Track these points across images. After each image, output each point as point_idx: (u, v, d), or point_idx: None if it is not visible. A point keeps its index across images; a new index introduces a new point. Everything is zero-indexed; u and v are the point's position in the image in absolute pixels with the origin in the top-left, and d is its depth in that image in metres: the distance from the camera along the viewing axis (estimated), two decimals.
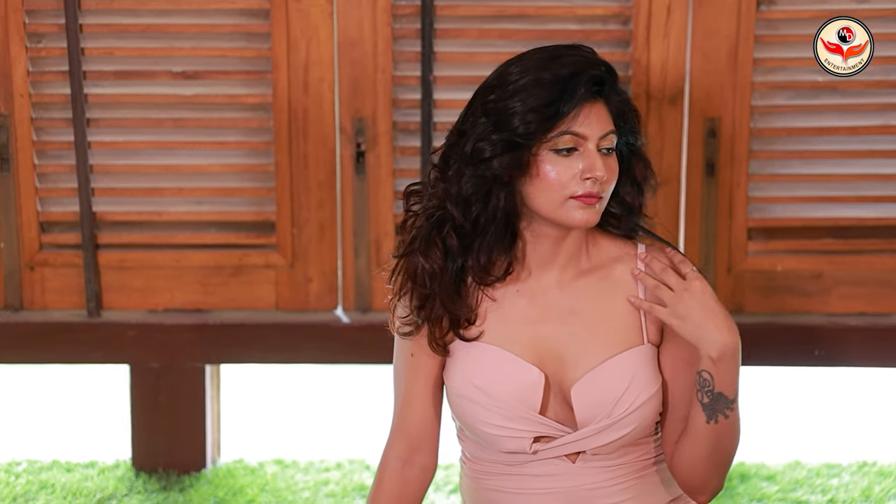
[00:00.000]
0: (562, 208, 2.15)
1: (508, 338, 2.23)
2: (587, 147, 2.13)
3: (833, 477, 3.37)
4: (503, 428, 2.21)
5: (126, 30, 3.15)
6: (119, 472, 3.38)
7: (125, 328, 3.30)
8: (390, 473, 2.34)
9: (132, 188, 3.24)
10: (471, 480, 2.36)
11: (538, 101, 2.10)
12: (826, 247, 3.25)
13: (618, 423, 2.19)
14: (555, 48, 2.17)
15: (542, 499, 2.26)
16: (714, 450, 2.18)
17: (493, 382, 2.21)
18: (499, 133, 2.13)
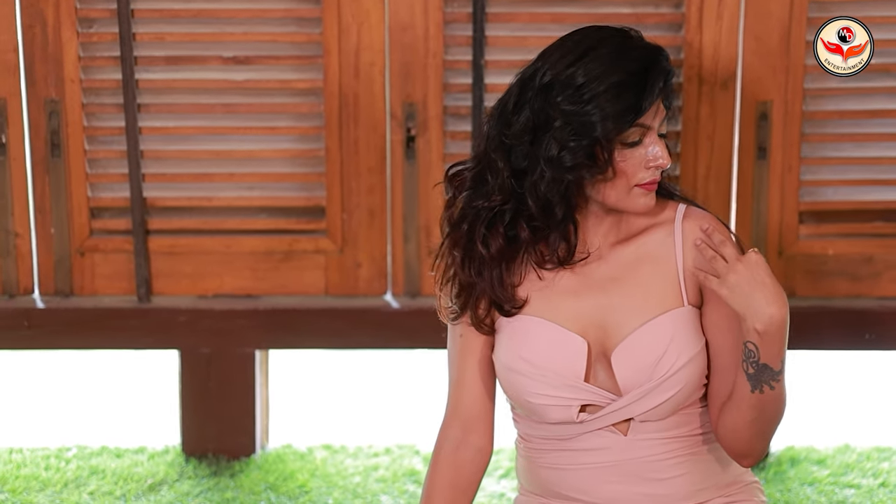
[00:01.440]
0: (628, 197, 2.21)
1: (552, 308, 2.27)
2: (651, 136, 2.18)
3: (884, 460, 3.36)
4: (549, 397, 2.24)
5: (177, 15, 3.15)
6: (169, 457, 3.39)
7: (175, 314, 3.30)
8: (445, 456, 2.35)
9: (182, 174, 3.24)
10: (525, 460, 2.38)
11: (617, 108, 2.14)
12: (877, 230, 3.24)
13: (661, 385, 2.21)
14: (610, 38, 2.19)
15: (594, 473, 2.28)
16: (758, 418, 2.20)
17: (537, 353, 2.24)
18: (578, 140, 2.16)
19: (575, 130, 2.15)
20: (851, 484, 3.26)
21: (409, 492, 3.23)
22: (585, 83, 2.15)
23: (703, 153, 3.17)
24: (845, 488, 3.24)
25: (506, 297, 2.27)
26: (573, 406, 2.24)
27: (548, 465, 2.32)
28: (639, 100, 2.14)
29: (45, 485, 3.24)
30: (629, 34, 2.20)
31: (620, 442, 2.27)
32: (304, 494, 3.21)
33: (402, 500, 3.19)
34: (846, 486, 3.25)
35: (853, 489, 3.23)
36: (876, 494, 3.20)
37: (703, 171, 3.17)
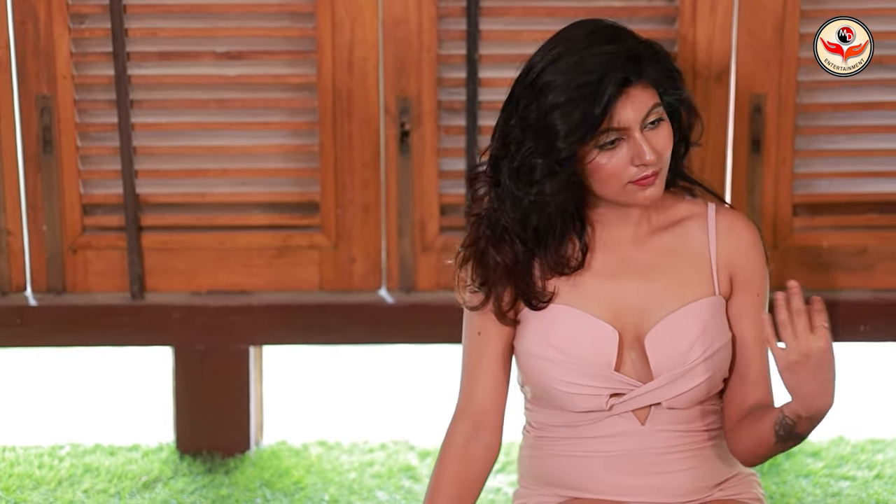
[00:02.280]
0: (623, 193, 2.22)
1: (583, 296, 2.28)
2: (632, 135, 2.17)
3: (878, 452, 3.37)
4: (579, 386, 2.25)
5: (169, 10, 3.14)
6: (163, 454, 3.38)
7: (169, 310, 3.29)
8: (453, 450, 2.36)
9: (176, 170, 3.23)
10: (532, 450, 2.39)
11: (574, 121, 2.14)
12: (871, 222, 3.24)
13: (691, 371, 2.24)
14: (584, 39, 2.19)
15: (606, 462, 2.29)
16: (770, 452, 2.25)
17: (568, 341, 2.24)
18: (544, 157, 2.17)
19: (537, 146, 2.18)
20: (846, 476, 3.26)
21: (404, 487, 3.23)
22: (548, 90, 2.17)
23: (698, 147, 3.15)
24: (840, 480, 3.24)
25: (533, 293, 2.28)
26: (602, 395, 2.25)
27: (557, 453, 2.33)
28: (592, 110, 2.13)
29: (38, 483, 3.22)
30: (606, 35, 2.19)
31: (636, 430, 2.28)
32: (299, 491, 3.21)
33: (397, 496, 3.19)
34: (841, 478, 3.25)
35: (848, 481, 3.24)
36: (871, 486, 3.20)
37: (698, 164, 3.17)
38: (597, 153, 2.18)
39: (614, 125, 2.15)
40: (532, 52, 3.08)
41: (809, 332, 2.09)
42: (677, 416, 2.28)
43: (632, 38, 2.20)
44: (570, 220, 2.26)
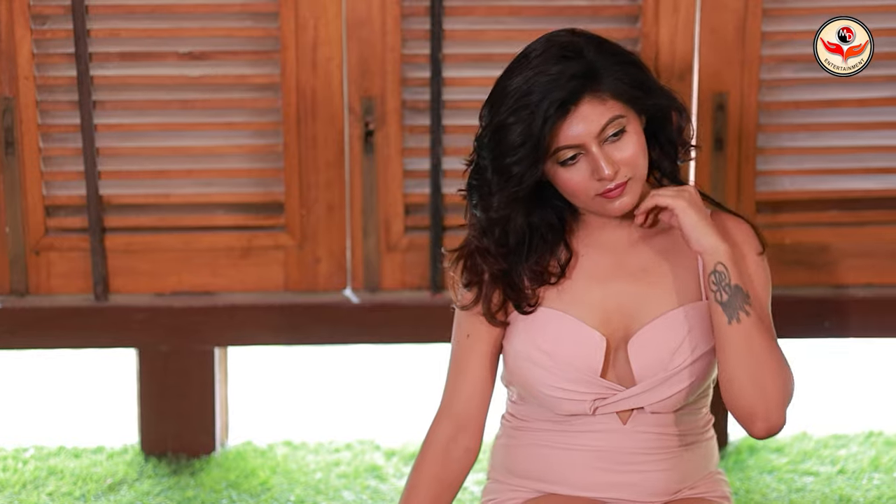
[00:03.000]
0: (594, 204, 2.25)
1: (573, 300, 2.30)
2: (589, 150, 2.19)
3: (841, 448, 3.39)
4: (565, 391, 2.26)
5: (132, 10, 3.12)
6: (128, 456, 3.37)
7: (133, 312, 3.28)
8: (433, 452, 2.37)
9: (139, 171, 3.22)
10: (509, 439, 2.40)
11: (517, 141, 2.17)
12: (833, 219, 3.26)
13: (674, 376, 2.24)
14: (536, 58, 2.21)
15: (584, 456, 2.30)
16: (747, 360, 2.19)
17: (556, 346, 2.26)
18: (505, 190, 2.21)
19: (498, 177, 2.21)
20: (810, 471, 3.28)
21: (370, 487, 3.23)
22: (500, 121, 2.20)
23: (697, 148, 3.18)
24: (804, 476, 3.27)
25: (521, 298, 2.30)
26: (586, 401, 2.27)
27: (535, 442, 2.34)
28: (539, 134, 2.16)
29: (2, 486, 3.21)
30: (552, 54, 2.20)
31: (617, 429, 2.30)
32: (265, 492, 3.20)
33: (364, 496, 3.19)
34: (805, 474, 3.27)
35: (812, 476, 3.26)
36: (834, 481, 3.22)
37: None
38: (559, 169, 2.21)
39: (562, 143, 2.18)
40: (495, 51, 3.13)
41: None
42: (658, 419, 2.29)
43: (594, 52, 2.19)
44: (547, 231, 2.29)
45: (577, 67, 2.16)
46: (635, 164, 2.20)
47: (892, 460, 3.31)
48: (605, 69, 2.18)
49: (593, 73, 2.17)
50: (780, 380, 2.20)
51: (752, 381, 2.19)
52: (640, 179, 2.22)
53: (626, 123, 2.19)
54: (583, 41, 2.21)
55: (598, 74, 2.17)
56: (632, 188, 2.21)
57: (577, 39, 2.21)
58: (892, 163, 3.22)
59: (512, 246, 2.28)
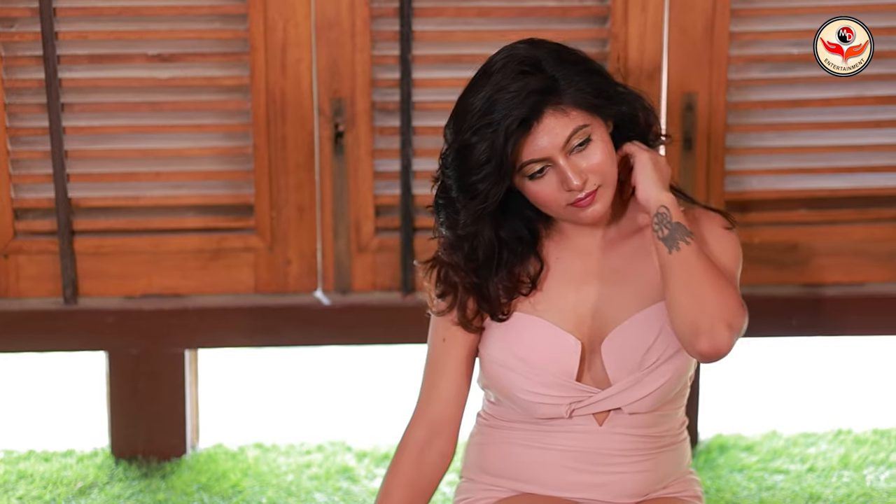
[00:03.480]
0: (566, 213, 2.26)
1: (548, 305, 2.30)
2: (556, 161, 2.19)
3: (810, 446, 3.41)
4: (541, 395, 2.27)
5: (100, 12, 3.11)
6: (98, 460, 3.35)
7: (103, 315, 3.27)
8: (408, 456, 2.37)
9: (108, 173, 3.21)
10: (484, 437, 2.41)
11: (481, 160, 2.18)
12: (801, 218, 3.28)
13: (649, 375, 2.25)
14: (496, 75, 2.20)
15: (560, 456, 2.31)
16: (689, 279, 2.18)
17: (531, 352, 2.27)
18: (470, 207, 2.22)
19: (464, 197, 2.23)
20: (780, 469, 3.30)
21: (342, 489, 3.23)
22: (458, 136, 2.21)
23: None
24: (774, 474, 3.28)
25: (495, 308, 2.31)
26: (562, 404, 2.27)
27: (511, 441, 2.35)
28: (501, 153, 2.17)
29: None
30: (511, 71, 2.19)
31: (593, 431, 2.30)
32: (237, 494, 3.19)
33: (336, 497, 3.18)
34: (775, 472, 3.29)
35: (782, 474, 3.27)
36: (804, 479, 3.24)
37: None
38: (527, 182, 2.22)
39: (528, 158, 2.19)
40: (465, 52, 3.13)
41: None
42: (635, 421, 2.30)
43: (553, 64, 2.19)
44: (517, 244, 2.30)
45: (536, 82, 2.17)
46: (603, 171, 2.21)
47: (861, 458, 3.33)
48: (565, 80, 2.18)
49: (553, 87, 2.18)
50: (724, 300, 2.16)
51: (694, 299, 2.16)
52: (611, 185, 2.23)
53: (591, 132, 2.20)
54: (542, 53, 2.21)
55: (558, 87, 2.18)
56: (602, 195, 2.22)
57: (536, 52, 2.21)
58: (859, 161, 3.24)
59: (482, 260, 2.29)
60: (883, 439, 3.43)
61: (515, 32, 3.11)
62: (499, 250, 2.29)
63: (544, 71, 2.18)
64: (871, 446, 3.39)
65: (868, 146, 3.23)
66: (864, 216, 3.27)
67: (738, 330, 2.17)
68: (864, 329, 3.36)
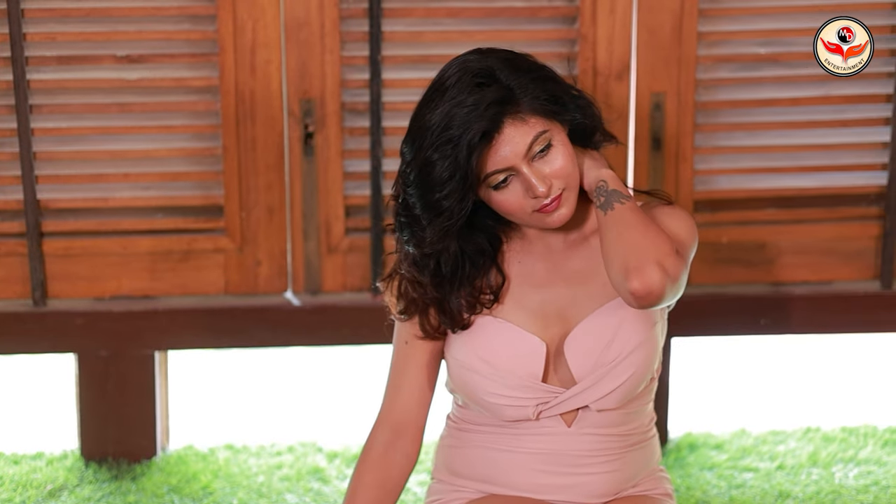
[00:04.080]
0: (532, 220, 2.25)
1: (513, 307, 2.31)
2: (520, 170, 2.20)
3: (779, 444, 3.42)
4: (507, 397, 2.27)
5: (68, 14, 3.10)
6: (68, 462, 3.34)
7: (72, 317, 3.26)
8: (373, 457, 2.38)
9: (77, 175, 3.20)
10: (454, 440, 2.41)
11: (444, 177, 2.17)
12: (770, 217, 3.29)
13: (613, 370, 2.26)
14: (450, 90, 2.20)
15: (529, 459, 2.31)
16: (620, 231, 2.19)
17: (496, 354, 2.27)
18: (436, 224, 2.21)
19: (428, 215, 2.22)
20: (749, 467, 3.31)
21: (313, 489, 3.23)
22: (418, 155, 2.20)
23: None
24: (744, 472, 3.29)
25: (454, 322, 2.32)
26: (529, 406, 2.28)
27: (481, 445, 2.36)
28: (464, 167, 2.16)
29: None
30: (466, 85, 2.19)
31: (562, 432, 2.31)
32: (207, 496, 3.19)
33: (307, 498, 3.18)
34: (744, 470, 3.30)
35: (751, 472, 3.29)
36: (773, 477, 3.26)
37: None
38: (492, 192, 2.22)
39: (492, 169, 2.19)
40: (434, 52, 3.13)
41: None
42: (603, 420, 2.30)
43: (507, 74, 2.19)
44: (479, 257, 2.30)
45: (493, 94, 2.17)
46: (566, 174, 2.21)
47: (830, 456, 3.35)
48: (521, 89, 2.19)
49: (510, 96, 2.18)
50: (655, 243, 2.16)
51: (625, 244, 2.17)
52: (574, 188, 2.23)
53: (550, 137, 2.20)
54: (495, 63, 2.20)
55: (515, 96, 2.18)
56: (567, 199, 2.22)
57: (489, 62, 2.21)
58: (826, 161, 3.26)
59: (446, 275, 2.29)
60: (851, 437, 3.45)
61: (484, 33, 3.12)
62: (462, 264, 2.29)
63: (499, 81, 2.18)
64: (840, 444, 3.41)
65: (835, 145, 3.25)
66: (831, 215, 3.29)
67: (671, 274, 2.15)
68: (831, 327, 3.38)
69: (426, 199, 2.20)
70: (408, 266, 2.31)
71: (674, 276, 2.16)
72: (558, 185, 2.20)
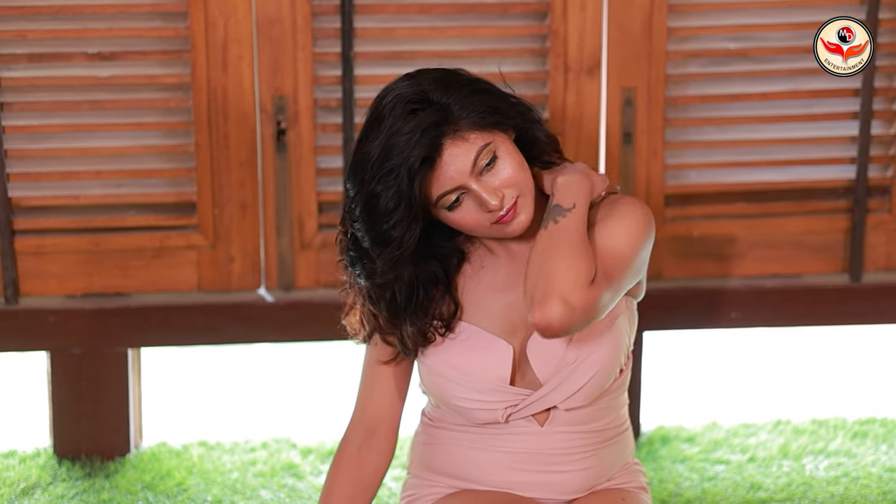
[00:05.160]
0: (493, 231, 2.25)
1: (480, 311, 2.30)
2: (469, 187, 2.19)
3: (751, 436, 3.45)
4: (476, 401, 2.28)
5: (39, 11, 3.09)
6: (40, 460, 3.34)
7: (44, 314, 3.25)
8: (348, 456, 2.39)
9: (48, 172, 3.19)
10: (428, 437, 2.42)
11: (390, 207, 2.17)
12: (740, 211, 3.31)
13: (577, 370, 2.27)
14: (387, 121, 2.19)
15: (504, 458, 2.33)
16: (542, 252, 2.19)
17: (464, 359, 2.28)
18: (386, 255, 2.22)
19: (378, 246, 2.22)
20: (721, 460, 3.33)
21: (288, 485, 3.23)
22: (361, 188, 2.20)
23: (571, 140, 3.21)
24: (715, 464, 3.31)
25: (408, 349, 2.33)
26: (498, 409, 2.28)
27: (455, 443, 2.37)
28: (409, 194, 2.16)
29: None
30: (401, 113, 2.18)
31: (535, 432, 2.32)
32: (182, 493, 3.19)
33: (281, 494, 3.19)
34: (716, 463, 3.32)
35: (723, 465, 3.31)
36: (745, 469, 3.28)
37: (572, 158, 3.18)
38: (447, 213, 2.22)
39: (440, 192, 2.19)
40: (406, 48, 3.14)
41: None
42: (575, 418, 2.31)
43: (440, 93, 2.19)
44: (431, 286, 2.30)
45: (428, 117, 2.16)
46: (517, 182, 2.21)
47: (801, 447, 3.37)
48: (457, 106, 2.18)
49: (446, 116, 2.17)
50: (568, 273, 2.15)
51: (539, 270, 2.16)
52: (530, 193, 2.23)
53: (495, 148, 2.20)
54: (427, 85, 2.20)
55: (451, 115, 2.18)
56: (524, 205, 2.22)
57: (421, 86, 2.20)
58: (795, 155, 3.28)
59: (401, 304, 2.28)
60: (821, 429, 3.47)
61: (455, 29, 3.13)
62: (416, 290, 2.29)
63: (433, 102, 2.18)
64: (810, 436, 3.43)
65: (804, 139, 3.27)
66: (801, 209, 3.32)
67: (579, 306, 2.13)
68: (801, 320, 3.40)
69: (374, 231, 2.19)
70: (363, 300, 2.31)
71: (583, 308, 2.13)
72: (511, 195, 2.20)
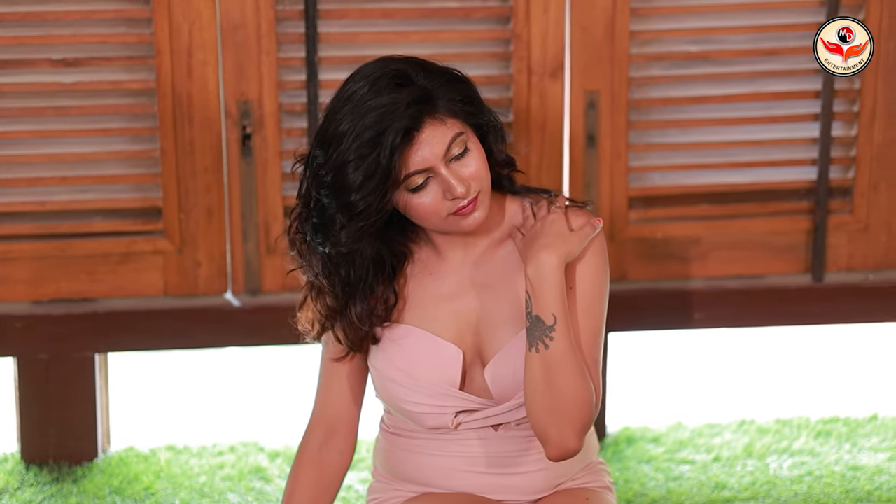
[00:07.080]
0: (446, 224, 2.24)
1: (427, 315, 2.30)
2: (438, 171, 2.19)
3: (715, 436, 3.47)
4: (425, 405, 2.29)
5: (2, 18, 3.10)
6: (8, 465, 3.34)
7: (11, 320, 3.25)
8: (308, 457, 2.40)
9: (14, 178, 3.19)
10: (388, 443, 2.42)
11: (363, 176, 2.15)
12: (703, 212, 3.34)
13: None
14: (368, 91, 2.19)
15: (461, 462, 2.33)
16: (544, 388, 2.19)
17: (413, 363, 2.28)
18: (341, 211, 2.19)
19: (342, 213, 2.20)
20: (686, 460, 3.36)
21: (255, 489, 3.24)
22: (334, 155, 2.18)
23: (535, 143, 3.23)
24: (681, 464, 3.34)
25: (353, 341, 2.33)
26: (448, 414, 2.29)
27: (412, 450, 2.37)
28: (380, 164, 2.15)
29: None
30: (384, 84, 2.18)
31: (490, 435, 2.32)
32: (149, 497, 3.20)
33: (249, 497, 3.20)
34: (681, 462, 3.35)
35: (688, 465, 3.33)
36: (710, 469, 3.30)
37: (536, 161, 3.24)
38: (409, 195, 2.21)
39: (411, 170, 2.18)
40: (369, 53, 3.14)
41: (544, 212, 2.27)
42: None
43: (422, 76, 2.20)
44: (381, 267, 2.30)
45: (412, 94, 2.16)
46: (481, 177, 2.22)
47: (765, 447, 3.40)
48: (437, 90, 2.19)
49: (428, 97, 2.18)
50: (575, 403, 2.18)
51: (546, 406, 2.19)
52: (488, 191, 2.24)
53: (467, 140, 2.21)
54: (408, 67, 2.21)
55: (433, 97, 2.18)
56: (482, 202, 2.23)
57: (404, 66, 2.21)
58: (757, 156, 3.31)
59: (354, 281, 2.27)
60: (785, 428, 3.50)
61: (418, 34, 3.15)
62: (368, 269, 2.28)
63: (416, 83, 2.19)
64: (774, 435, 3.46)
65: (766, 141, 3.30)
66: (763, 210, 3.34)
67: (588, 425, 2.20)
68: (764, 320, 3.43)
69: (343, 199, 2.18)
70: (313, 287, 2.31)
71: (591, 422, 2.21)
72: (475, 187, 2.20)
